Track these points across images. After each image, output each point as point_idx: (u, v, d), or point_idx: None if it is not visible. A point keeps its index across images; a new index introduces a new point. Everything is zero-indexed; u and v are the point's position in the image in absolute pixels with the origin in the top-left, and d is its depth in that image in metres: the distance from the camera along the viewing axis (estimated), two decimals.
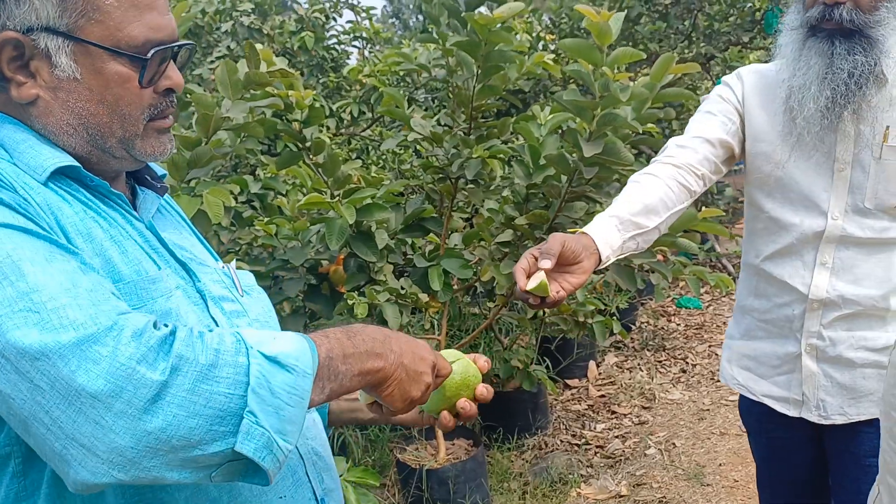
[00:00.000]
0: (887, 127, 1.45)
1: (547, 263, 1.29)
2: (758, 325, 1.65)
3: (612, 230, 1.41)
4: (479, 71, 2.45)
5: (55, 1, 0.81)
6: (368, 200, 2.42)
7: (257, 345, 0.75)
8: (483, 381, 1.07)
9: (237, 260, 2.47)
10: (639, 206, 1.46)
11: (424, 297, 2.66)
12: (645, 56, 2.53)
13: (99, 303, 0.71)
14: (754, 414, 1.72)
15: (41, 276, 0.70)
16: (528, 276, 1.30)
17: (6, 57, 0.83)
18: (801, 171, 1.53)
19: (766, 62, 1.71)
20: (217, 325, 0.91)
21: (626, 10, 4.99)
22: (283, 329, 0.96)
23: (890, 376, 0.95)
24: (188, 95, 2.04)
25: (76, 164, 0.85)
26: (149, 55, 0.85)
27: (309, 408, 0.79)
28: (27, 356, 0.67)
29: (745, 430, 1.88)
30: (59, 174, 0.84)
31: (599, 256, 1.36)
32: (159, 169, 1.02)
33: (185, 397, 0.69)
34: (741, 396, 1.75)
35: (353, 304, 2.44)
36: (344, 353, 0.84)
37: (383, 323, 2.51)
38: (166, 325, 0.74)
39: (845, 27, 1.41)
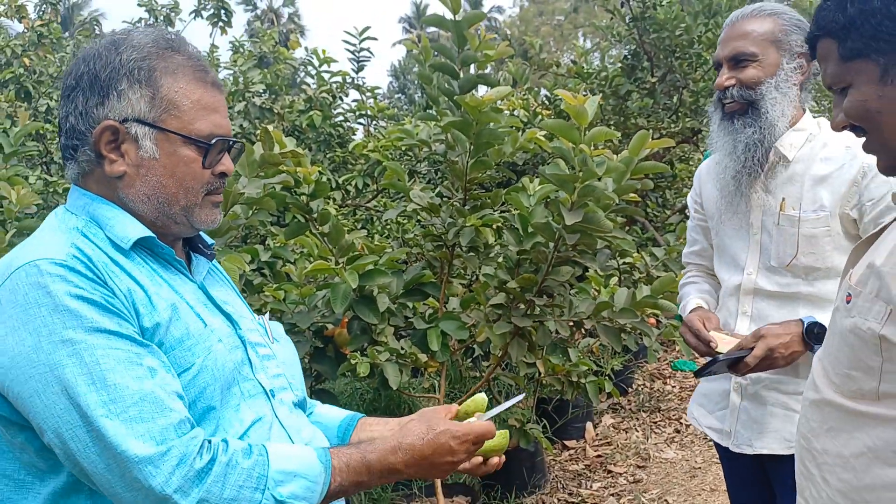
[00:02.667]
0: (783, 198, 1.75)
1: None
2: None
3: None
4: (472, 147, 2.67)
5: (146, 100, 1.08)
6: (371, 266, 2.62)
7: (276, 484, 1.00)
8: None
9: None
10: (707, 291, 2.02)
11: (424, 358, 2.82)
12: (622, 134, 2.75)
13: (158, 416, 0.96)
14: (714, 445, 1.98)
15: (120, 385, 0.95)
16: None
17: (105, 140, 1.08)
18: (729, 237, 1.86)
19: None
20: (252, 369, 1.14)
21: (616, 88, 5.29)
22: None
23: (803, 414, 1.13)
24: None
25: (151, 234, 1.09)
26: (212, 142, 1.11)
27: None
28: (109, 446, 0.94)
29: None
30: (136, 245, 1.07)
31: None
32: (208, 239, 1.25)
33: None
34: None
35: (356, 363, 2.61)
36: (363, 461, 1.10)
37: (384, 381, 2.68)
38: (210, 444, 0.99)
39: (740, 104, 1.74)
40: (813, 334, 1.62)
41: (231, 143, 1.15)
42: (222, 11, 5.99)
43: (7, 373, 0.96)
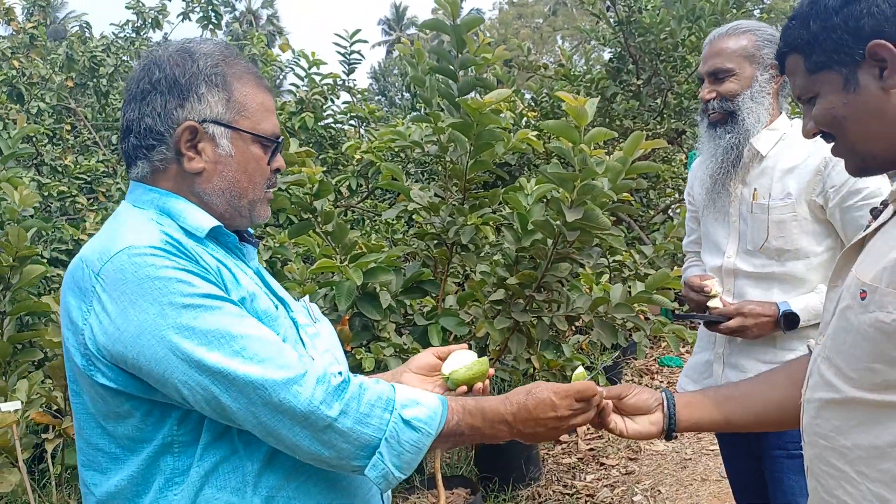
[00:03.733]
0: (755, 189, 1.97)
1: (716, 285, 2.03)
2: (699, 344, 2.18)
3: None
4: (472, 148, 2.75)
5: (223, 103, 1.18)
6: (373, 264, 2.69)
7: (402, 407, 1.12)
8: None
9: None
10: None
11: None
12: (617, 134, 2.85)
13: (282, 352, 1.08)
14: None
15: (243, 334, 1.07)
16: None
17: (184, 139, 1.17)
18: (713, 226, 2.10)
19: None
20: (304, 347, 1.23)
21: (602, 90, 5.40)
22: None
23: (810, 409, 1.17)
24: None
25: (220, 224, 1.18)
26: (279, 139, 1.23)
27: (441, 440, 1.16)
28: (250, 383, 1.04)
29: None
30: (206, 235, 1.16)
31: None
32: (250, 229, 1.34)
33: (345, 432, 1.08)
34: None
35: (361, 358, 2.68)
36: (475, 409, 1.21)
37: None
38: (340, 374, 1.10)
39: (720, 114, 1.99)
40: (787, 321, 1.89)
41: (282, 141, 1.27)
42: (212, 14, 6.02)
43: (135, 342, 1.03)
